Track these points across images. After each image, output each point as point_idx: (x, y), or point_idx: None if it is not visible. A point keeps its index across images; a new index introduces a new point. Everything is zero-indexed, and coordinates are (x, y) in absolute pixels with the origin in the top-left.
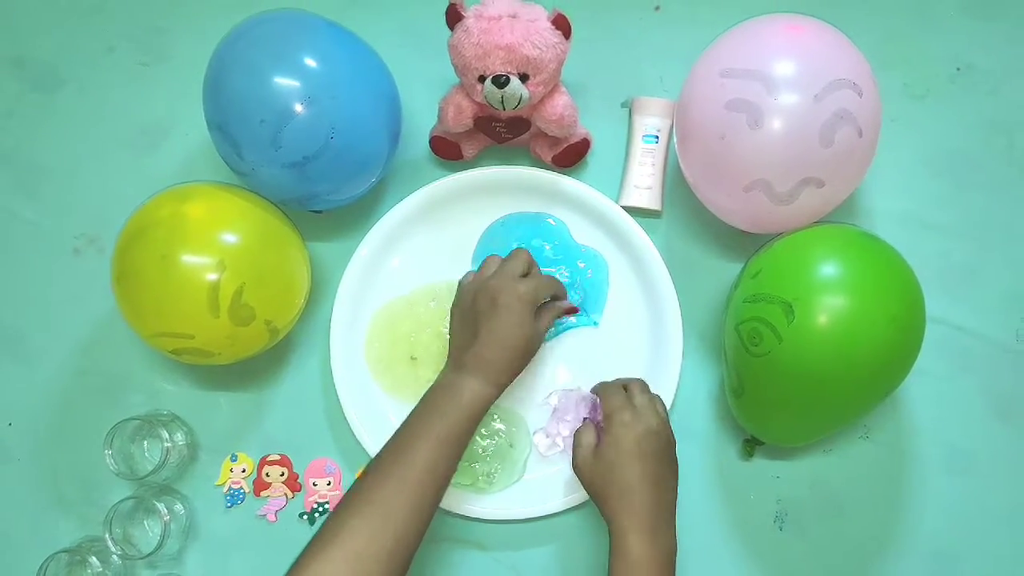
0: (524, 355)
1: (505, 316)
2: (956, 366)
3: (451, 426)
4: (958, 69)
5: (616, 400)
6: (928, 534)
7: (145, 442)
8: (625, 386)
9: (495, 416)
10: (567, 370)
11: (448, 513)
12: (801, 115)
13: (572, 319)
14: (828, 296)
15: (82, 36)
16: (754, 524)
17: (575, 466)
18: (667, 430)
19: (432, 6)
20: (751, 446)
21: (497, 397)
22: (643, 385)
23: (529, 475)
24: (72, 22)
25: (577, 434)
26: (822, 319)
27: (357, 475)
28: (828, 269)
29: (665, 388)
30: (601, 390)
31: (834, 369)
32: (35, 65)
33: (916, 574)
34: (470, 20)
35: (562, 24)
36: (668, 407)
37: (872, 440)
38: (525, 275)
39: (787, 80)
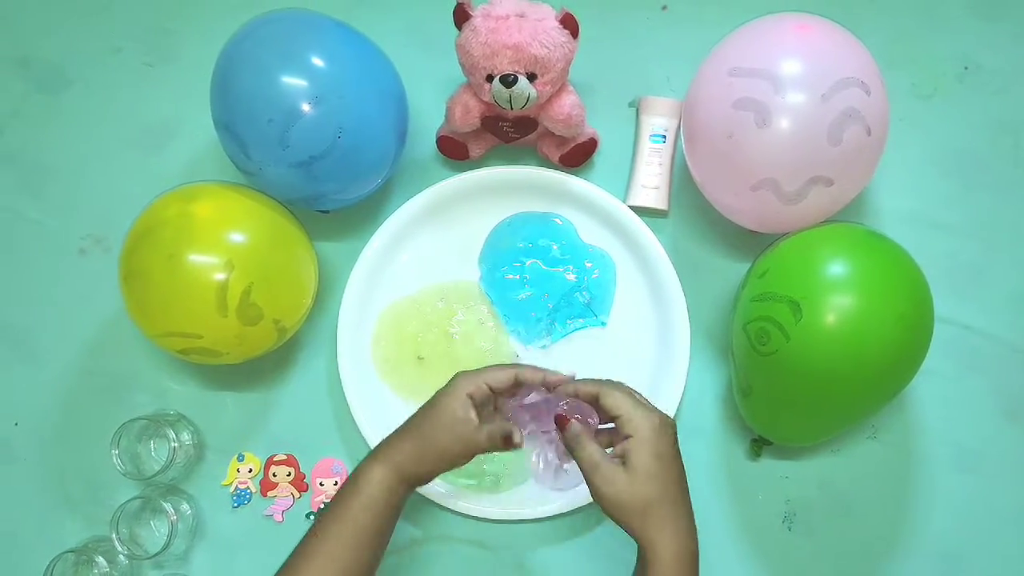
0: (441, 449)
1: (430, 409)
2: (964, 366)
3: (353, 515)
4: (966, 69)
5: (629, 401)
6: (936, 534)
7: (152, 442)
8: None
9: None
10: (575, 371)
11: (455, 513)
12: (809, 114)
13: (580, 321)
14: (836, 295)
15: (88, 37)
16: (763, 524)
17: (604, 495)
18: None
19: (439, 6)
20: (759, 446)
21: (407, 490)
22: (629, 387)
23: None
24: (78, 23)
25: (585, 455)
26: (830, 318)
27: None
28: (836, 268)
29: (672, 388)
30: (603, 392)
31: (842, 368)
32: (41, 65)
33: (924, 574)
34: (478, 19)
35: (570, 23)
36: (676, 407)
37: (880, 440)
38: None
39: (795, 79)
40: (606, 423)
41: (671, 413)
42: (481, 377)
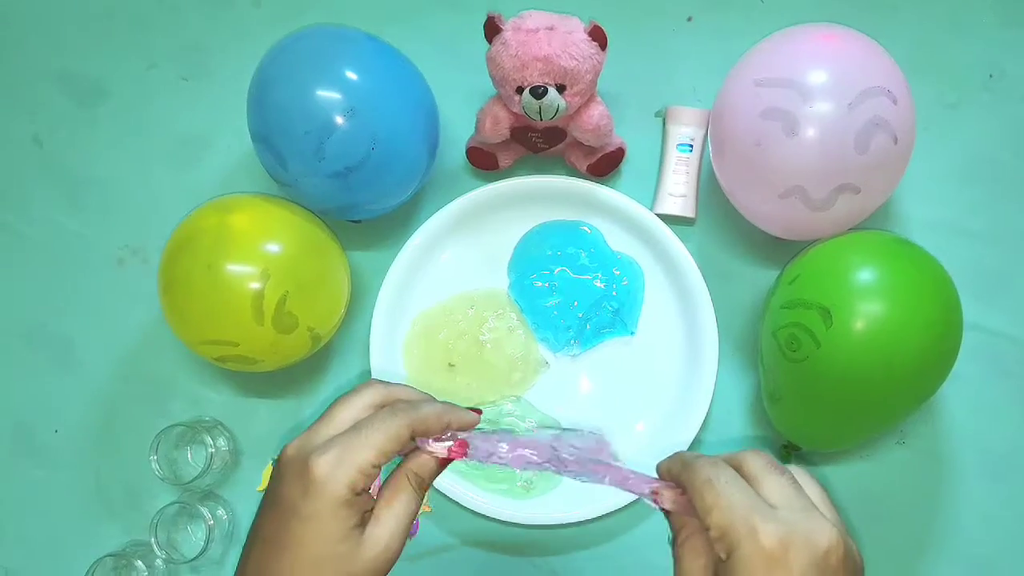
0: None
1: (280, 534)
2: (992, 371)
3: None
4: (991, 76)
5: (736, 500)
6: (966, 540)
7: (189, 448)
8: (734, 462)
9: (532, 422)
10: (601, 381)
11: (486, 518)
12: (836, 122)
13: (609, 330)
14: (866, 301)
15: (126, 53)
16: None
17: None
18: (848, 544)
19: (470, 20)
20: (788, 452)
21: None
22: (767, 460)
23: (568, 480)
24: (116, 39)
25: (681, 562)
26: (860, 324)
27: None
28: (865, 275)
29: (701, 395)
30: (688, 476)
31: (872, 374)
32: (80, 81)
33: None
34: (508, 33)
35: (598, 35)
36: (704, 416)
37: (909, 446)
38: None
39: (822, 88)
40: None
41: (699, 421)
42: (351, 469)
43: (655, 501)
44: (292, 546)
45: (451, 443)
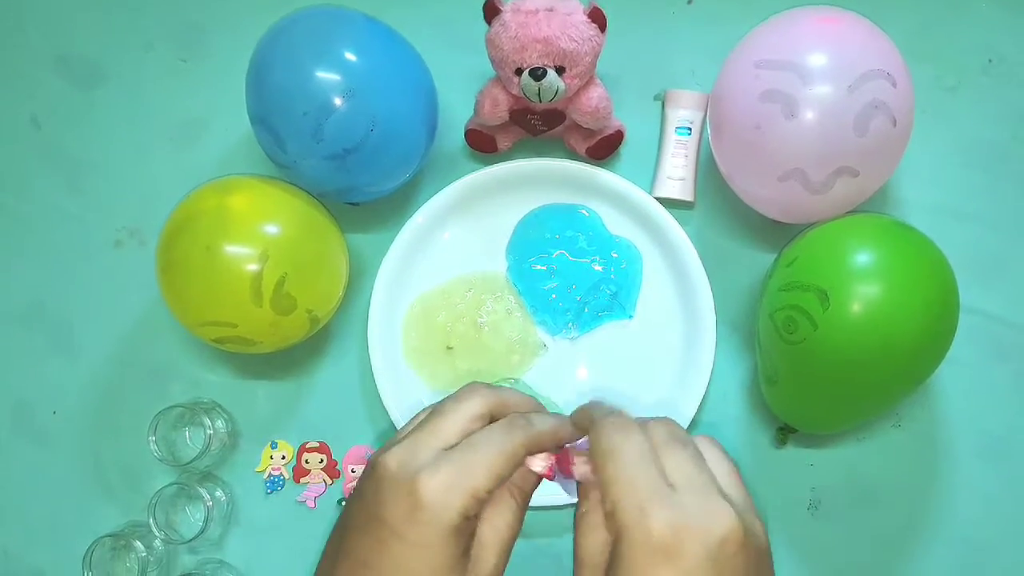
0: None
1: (382, 558)
2: (988, 355)
3: None
4: (990, 60)
5: (637, 476)
6: (961, 521)
7: (187, 430)
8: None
9: None
10: (597, 366)
11: None
12: (835, 105)
13: (608, 313)
14: (863, 283)
15: (123, 34)
16: (788, 511)
17: None
18: (748, 528)
19: (469, 2)
20: (784, 434)
21: None
22: (670, 432)
23: None
24: (113, 21)
25: (577, 537)
26: (857, 307)
27: None
28: (863, 257)
29: (698, 378)
30: (594, 437)
31: (869, 356)
32: (77, 62)
33: (949, 560)
34: (507, 14)
35: (598, 17)
36: (701, 398)
37: (905, 428)
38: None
39: (822, 71)
40: None
41: (696, 403)
42: (466, 489)
43: (562, 470)
44: (391, 571)
45: (551, 460)
